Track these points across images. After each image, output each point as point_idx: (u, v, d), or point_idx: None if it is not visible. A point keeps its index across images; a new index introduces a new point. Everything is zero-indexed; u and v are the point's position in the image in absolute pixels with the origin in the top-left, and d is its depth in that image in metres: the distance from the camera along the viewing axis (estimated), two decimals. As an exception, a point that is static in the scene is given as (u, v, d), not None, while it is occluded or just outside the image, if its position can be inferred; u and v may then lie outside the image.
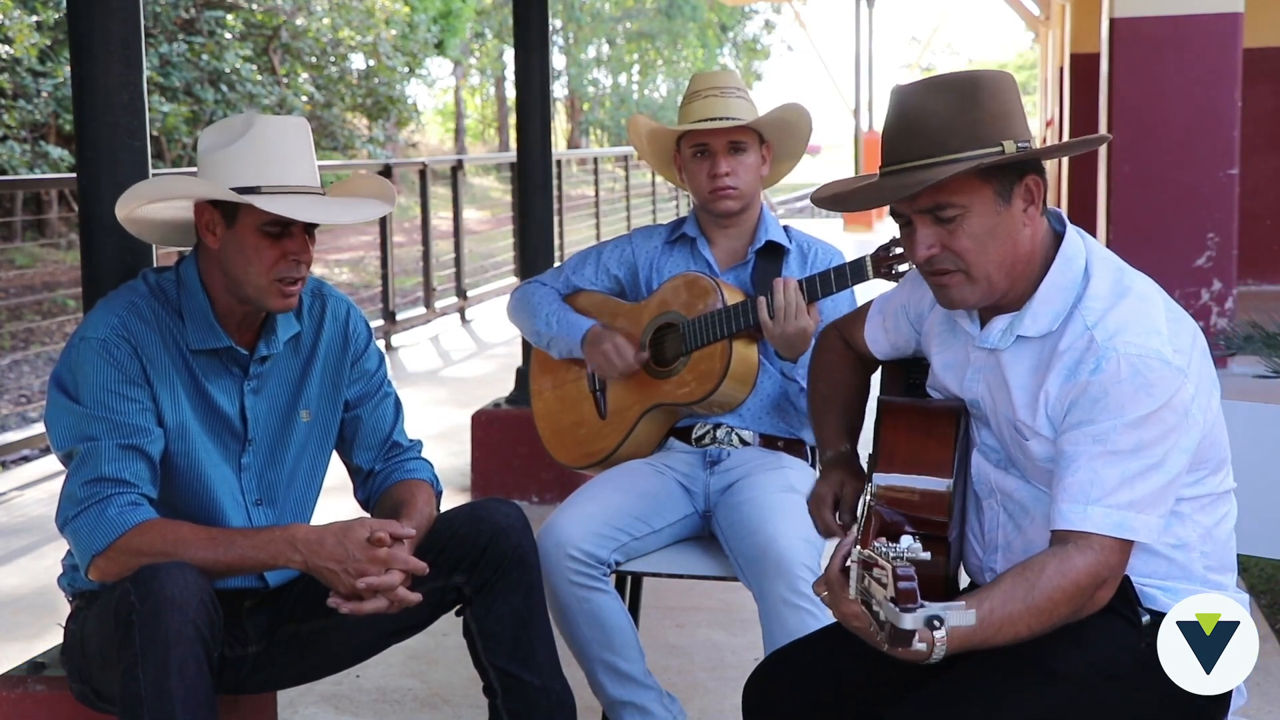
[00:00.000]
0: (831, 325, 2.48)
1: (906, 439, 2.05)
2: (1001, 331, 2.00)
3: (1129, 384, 1.84)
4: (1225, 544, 2.01)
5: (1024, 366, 1.98)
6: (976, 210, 1.92)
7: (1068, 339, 1.92)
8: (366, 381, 2.57)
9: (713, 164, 2.97)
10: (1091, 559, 1.84)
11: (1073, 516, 1.86)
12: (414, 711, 3.32)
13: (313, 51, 16.79)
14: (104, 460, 2.22)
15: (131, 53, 2.67)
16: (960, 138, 1.89)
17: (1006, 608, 1.79)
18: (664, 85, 37.37)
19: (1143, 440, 1.85)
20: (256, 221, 2.28)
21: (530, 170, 5.37)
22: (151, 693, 2.05)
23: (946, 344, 2.14)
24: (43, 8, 12.64)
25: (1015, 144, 1.90)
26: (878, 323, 2.32)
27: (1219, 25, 5.12)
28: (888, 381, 2.32)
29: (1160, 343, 1.86)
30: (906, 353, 2.30)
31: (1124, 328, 1.88)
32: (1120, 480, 1.85)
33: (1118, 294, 1.93)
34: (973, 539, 2.12)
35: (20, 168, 12.62)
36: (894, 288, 2.33)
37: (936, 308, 2.14)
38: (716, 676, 3.51)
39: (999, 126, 1.90)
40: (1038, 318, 1.96)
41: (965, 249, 1.93)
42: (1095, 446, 1.86)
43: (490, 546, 2.40)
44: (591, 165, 17.12)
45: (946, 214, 1.92)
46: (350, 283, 15.65)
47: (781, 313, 2.80)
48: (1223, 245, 5.17)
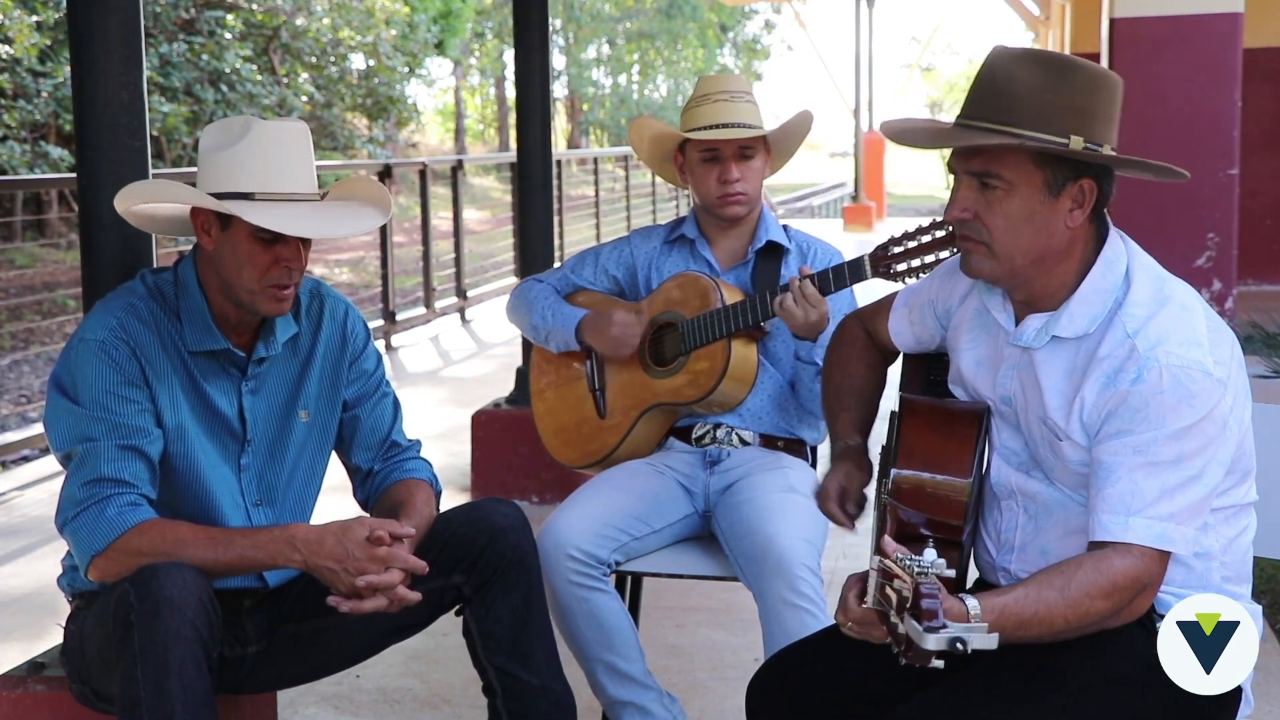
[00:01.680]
0: (853, 315, 2.45)
1: (928, 437, 2.04)
2: (1036, 330, 1.98)
3: (1171, 395, 1.83)
4: (1244, 556, 2.01)
5: (1058, 368, 1.96)
6: (1020, 192, 1.89)
7: (1107, 345, 1.90)
8: (365, 381, 2.57)
9: (723, 170, 2.97)
10: (1132, 563, 1.83)
11: (1114, 528, 1.85)
12: (414, 711, 3.32)
13: (313, 51, 16.77)
14: (103, 461, 2.22)
15: (131, 53, 2.67)
16: (1031, 116, 1.86)
17: (1042, 595, 1.78)
18: (664, 85, 37.37)
19: (1183, 452, 1.84)
20: (251, 227, 2.28)
21: (530, 170, 5.37)
22: (150, 693, 2.05)
23: (978, 339, 2.11)
24: (43, 8, 12.63)
25: (1085, 143, 1.86)
26: (903, 314, 2.30)
27: (1219, 25, 5.12)
28: (908, 377, 2.29)
29: (1202, 354, 1.85)
30: (930, 347, 2.27)
31: (1166, 337, 1.86)
32: (1161, 492, 1.84)
33: (1159, 302, 1.91)
34: (987, 538, 2.11)
35: (20, 168, 12.62)
36: (921, 281, 2.32)
37: (967, 302, 2.12)
38: (716, 676, 3.51)
39: (1074, 120, 1.86)
40: (1074, 319, 1.94)
41: (996, 226, 1.91)
42: (1136, 457, 1.85)
43: (489, 546, 2.40)
44: (591, 165, 17.11)
45: (991, 183, 1.90)
46: (350, 283, 15.64)
47: (805, 301, 2.79)
48: (1223, 245, 5.16)
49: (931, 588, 1.57)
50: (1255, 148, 7.44)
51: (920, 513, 1.99)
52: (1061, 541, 1.99)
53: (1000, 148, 1.87)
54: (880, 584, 1.69)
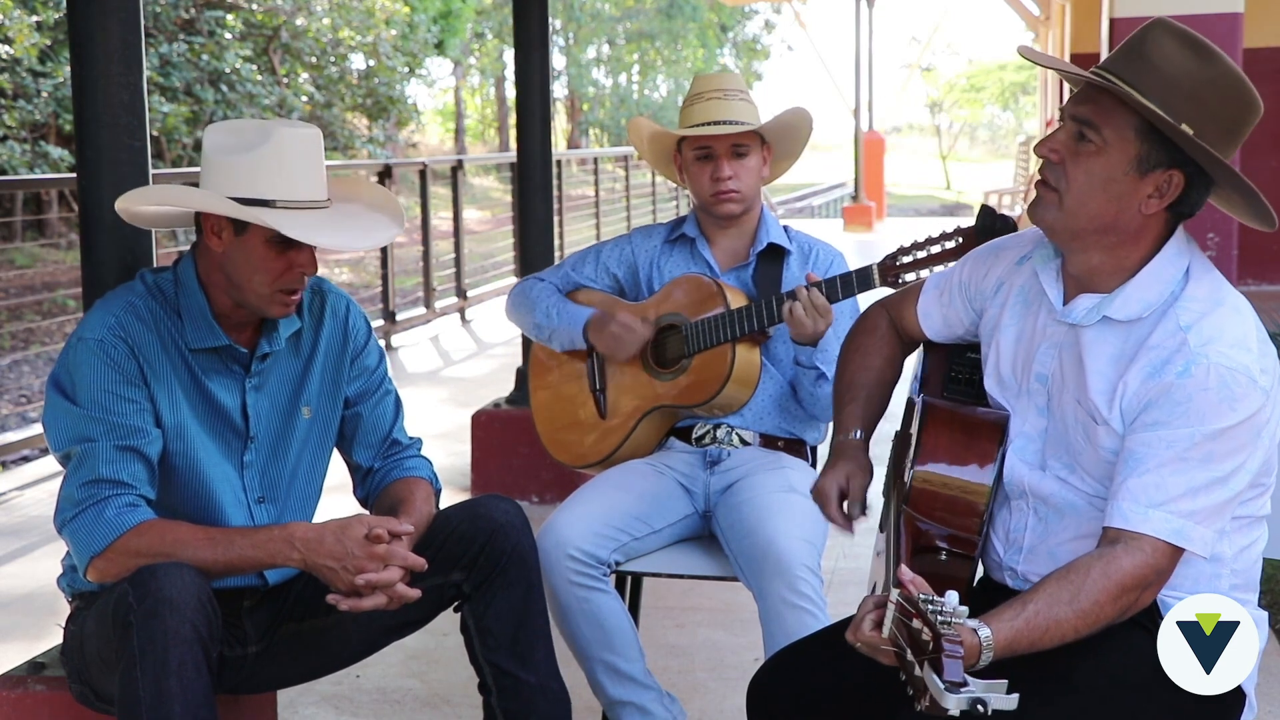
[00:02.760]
0: (879, 303, 2.42)
1: (947, 445, 2.03)
2: (1088, 309, 1.96)
3: (1215, 394, 1.82)
4: (1254, 565, 2.01)
5: (1106, 352, 1.94)
6: (1111, 155, 1.87)
7: (1159, 335, 1.89)
8: (366, 378, 2.57)
9: (715, 168, 2.97)
10: (1140, 560, 1.83)
11: (1133, 516, 1.84)
12: (414, 711, 3.32)
13: (313, 51, 16.77)
14: (101, 461, 2.22)
15: (131, 53, 2.67)
16: (1158, 89, 1.84)
17: (1052, 611, 1.78)
18: (664, 85, 37.35)
19: (1214, 453, 1.84)
20: (267, 233, 2.28)
21: (530, 170, 5.37)
22: (150, 693, 2.05)
23: (1018, 316, 2.08)
24: (43, 8, 12.63)
25: (1195, 136, 1.84)
26: (933, 297, 2.27)
27: (1219, 25, 5.11)
28: (930, 371, 2.27)
29: (1250, 360, 1.84)
30: (957, 332, 2.25)
31: (1218, 336, 1.85)
32: (1186, 489, 1.84)
33: (1215, 301, 1.90)
34: (995, 537, 2.10)
35: (20, 168, 12.62)
36: (953, 265, 2.29)
37: (1009, 282, 2.10)
38: (716, 676, 3.51)
39: (1195, 113, 1.84)
40: (1130, 302, 1.92)
41: (1075, 179, 1.89)
42: (1167, 451, 1.84)
43: (489, 544, 2.40)
44: (591, 165, 17.11)
45: (1088, 135, 1.88)
46: (350, 283, 15.65)
47: (814, 310, 2.79)
48: (1223, 245, 5.16)
49: (955, 645, 1.55)
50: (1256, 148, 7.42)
51: (937, 524, 1.98)
52: (1071, 545, 1.98)
53: (1111, 103, 1.85)
54: (897, 619, 1.67)
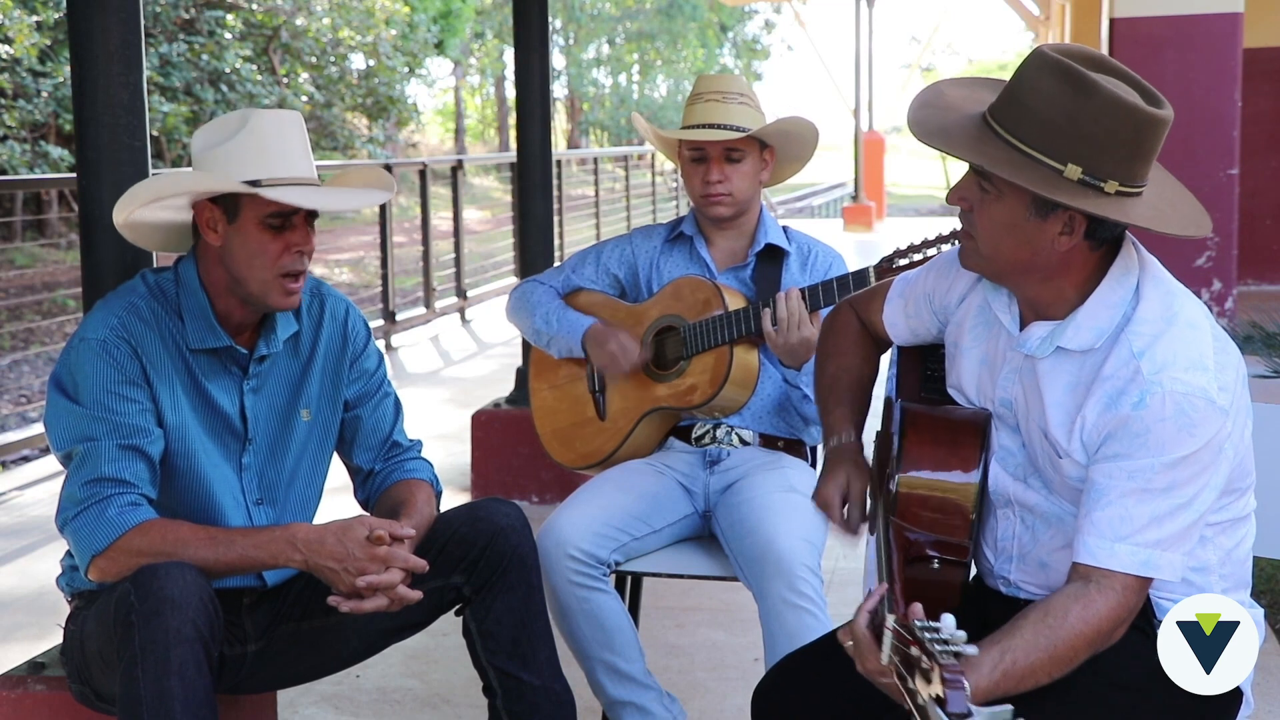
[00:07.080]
0: (846, 303, 2.41)
1: (930, 450, 2.02)
2: (1041, 339, 1.93)
3: (1172, 424, 1.80)
4: (1243, 563, 2.00)
5: (1061, 382, 1.92)
6: (1006, 204, 1.85)
7: (1112, 364, 1.86)
8: (366, 381, 2.57)
9: (706, 170, 2.98)
10: (1114, 601, 1.82)
11: (1099, 553, 1.83)
12: (414, 711, 3.32)
13: (313, 51, 16.78)
14: (103, 461, 2.22)
15: (131, 53, 2.67)
16: (1034, 133, 1.80)
17: (1030, 659, 1.78)
18: (664, 85, 37.36)
19: (1177, 480, 1.82)
20: (259, 215, 2.28)
21: (530, 170, 5.37)
22: (151, 693, 2.05)
23: (980, 338, 2.07)
24: (43, 8, 12.64)
25: (1083, 174, 1.78)
26: (898, 307, 2.25)
27: (1219, 25, 5.12)
28: (904, 371, 2.26)
29: (1207, 380, 1.81)
30: (926, 340, 2.24)
31: (1171, 361, 1.82)
32: (1150, 518, 1.83)
33: (1167, 320, 1.86)
34: (985, 546, 2.10)
35: (20, 168, 12.63)
36: (916, 272, 2.26)
37: (970, 300, 2.10)
38: (716, 676, 3.51)
39: (1078, 148, 1.78)
40: (1080, 331, 1.90)
41: (983, 226, 1.89)
42: (1129, 483, 1.83)
43: (490, 546, 2.40)
44: (591, 165, 17.11)
45: (984, 186, 1.87)
46: (350, 283, 15.65)
47: (785, 323, 2.82)
48: (1223, 245, 5.16)
49: (956, 675, 1.53)
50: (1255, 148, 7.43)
51: (926, 531, 1.97)
52: (1062, 553, 1.97)
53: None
54: (895, 645, 1.67)
